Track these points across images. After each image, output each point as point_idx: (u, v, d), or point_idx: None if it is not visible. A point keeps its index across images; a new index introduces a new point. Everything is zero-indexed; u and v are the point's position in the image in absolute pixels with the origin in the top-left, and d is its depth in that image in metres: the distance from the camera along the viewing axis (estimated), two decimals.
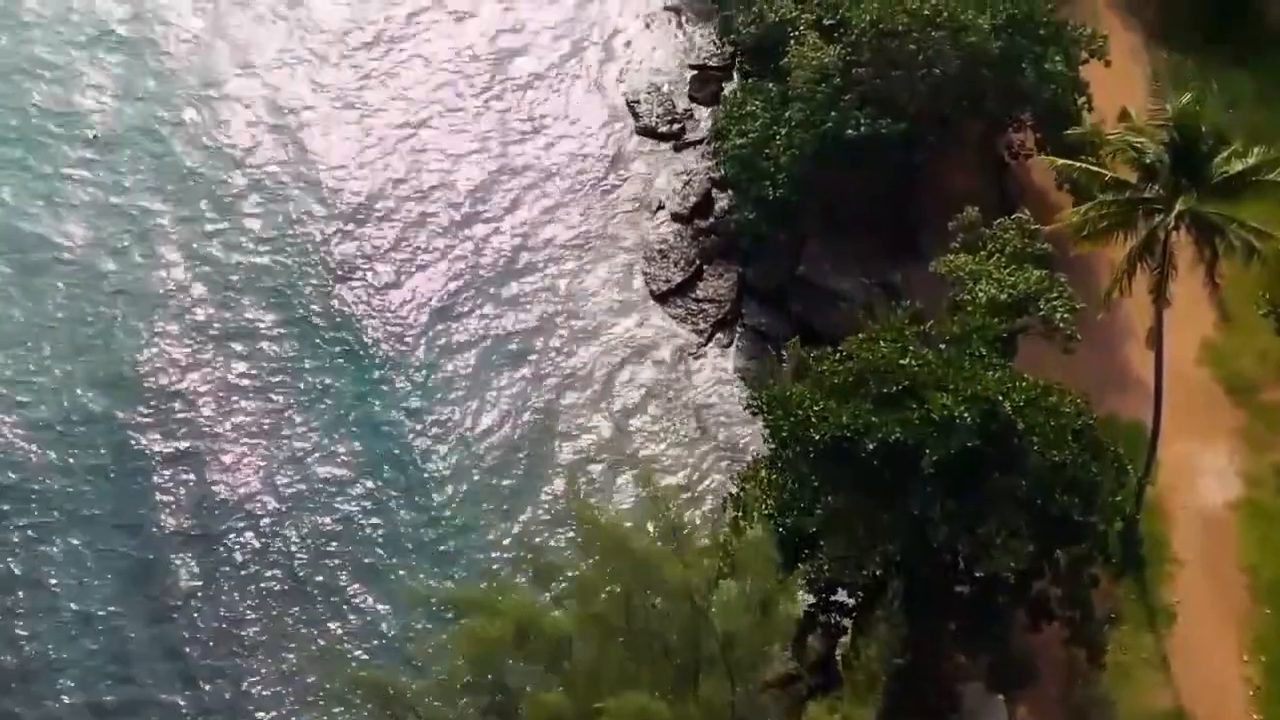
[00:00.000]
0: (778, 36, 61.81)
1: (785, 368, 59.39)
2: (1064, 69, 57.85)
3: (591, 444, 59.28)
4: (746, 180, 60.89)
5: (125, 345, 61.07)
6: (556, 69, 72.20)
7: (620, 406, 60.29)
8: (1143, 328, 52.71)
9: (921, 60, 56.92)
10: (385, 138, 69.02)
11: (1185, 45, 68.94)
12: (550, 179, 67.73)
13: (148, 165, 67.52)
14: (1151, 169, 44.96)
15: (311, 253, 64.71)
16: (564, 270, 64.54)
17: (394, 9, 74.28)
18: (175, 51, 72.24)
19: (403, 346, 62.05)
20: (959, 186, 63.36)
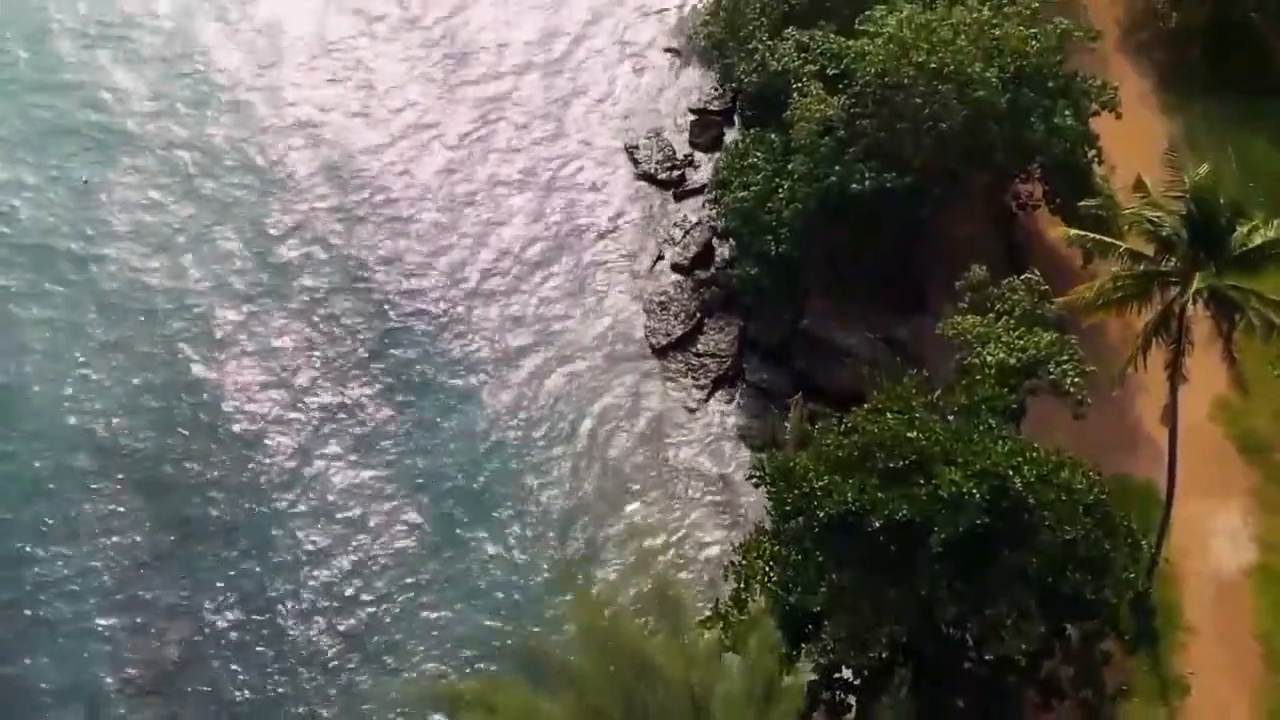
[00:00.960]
0: (780, 85, 60.48)
1: (788, 426, 58.76)
2: (1074, 123, 56.47)
3: (588, 505, 57.64)
4: (748, 234, 59.63)
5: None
6: (553, 112, 70.84)
7: (618, 466, 58.73)
8: (1154, 385, 51.41)
9: (927, 114, 55.51)
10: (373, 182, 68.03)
11: (1195, 89, 67.70)
12: (547, 227, 66.40)
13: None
14: (1168, 241, 43.62)
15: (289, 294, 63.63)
16: (561, 323, 63.10)
17: (383, 48, 73.42)
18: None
19: (394, 400, 60.60)
20: (965, 237, 62.28)
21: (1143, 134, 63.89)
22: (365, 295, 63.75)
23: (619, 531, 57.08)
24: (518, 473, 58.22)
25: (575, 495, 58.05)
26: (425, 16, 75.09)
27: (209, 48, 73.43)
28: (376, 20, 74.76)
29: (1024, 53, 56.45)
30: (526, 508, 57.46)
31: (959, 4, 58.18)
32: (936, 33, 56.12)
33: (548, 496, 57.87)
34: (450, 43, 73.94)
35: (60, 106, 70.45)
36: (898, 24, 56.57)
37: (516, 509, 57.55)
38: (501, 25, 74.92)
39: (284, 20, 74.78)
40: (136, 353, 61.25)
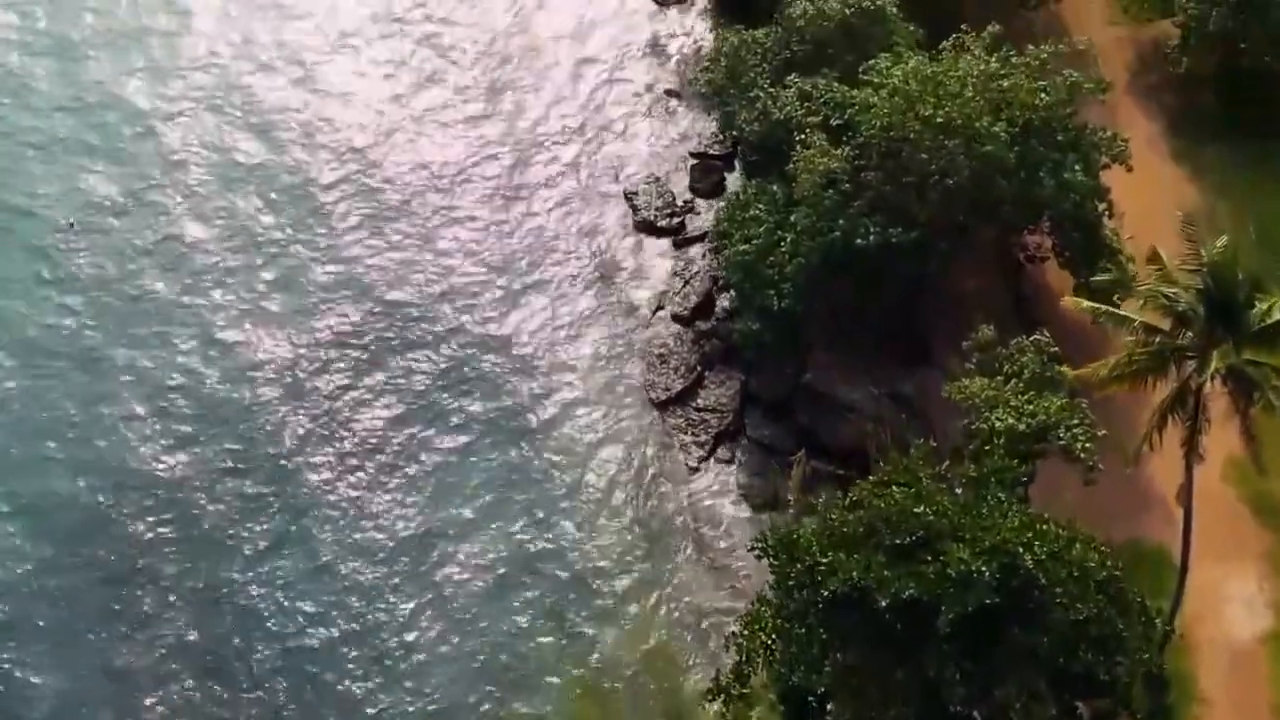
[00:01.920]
0: (782, 134, 59.07)
1: (791, 485, 57.45)
2: (1084, 178, 55.04)
3: (584, 571, 56.02)
4: (749, 288, 58.20)
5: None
6: (550, 155, 69.45)
7: (617, 526, 57.21)
8: (1166, 445, 49.87)
9: (934, 169, 54.11)
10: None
11: (1206, 135, 66.40)
12: (543, 276, 64.86)
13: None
14: (1185, 316, 42.23)
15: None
16: (558, 376, 61.56)
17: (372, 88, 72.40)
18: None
19: (387, 451, 59.16)
20: (972, 289, 61.09)
21: (1152, 181, 62.67)
22: (358, 344, 62.44)
23: (616, 594, 55.56)
24: (513, 531, 56.64)
25: (573, 556, 56.46)
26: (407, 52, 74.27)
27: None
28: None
29: (1033, 106, 55.02)
30: (523, 570, 55.95)
31: (965, 53, 56.76)
32: (943, 85, 54.69)
33: (543, 557, 56.31)
34: (444, 81, 72.59)
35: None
36: (903, 76, 55.14)
37: (512, 569, 55.99)
38: (496, 63, 73.78)
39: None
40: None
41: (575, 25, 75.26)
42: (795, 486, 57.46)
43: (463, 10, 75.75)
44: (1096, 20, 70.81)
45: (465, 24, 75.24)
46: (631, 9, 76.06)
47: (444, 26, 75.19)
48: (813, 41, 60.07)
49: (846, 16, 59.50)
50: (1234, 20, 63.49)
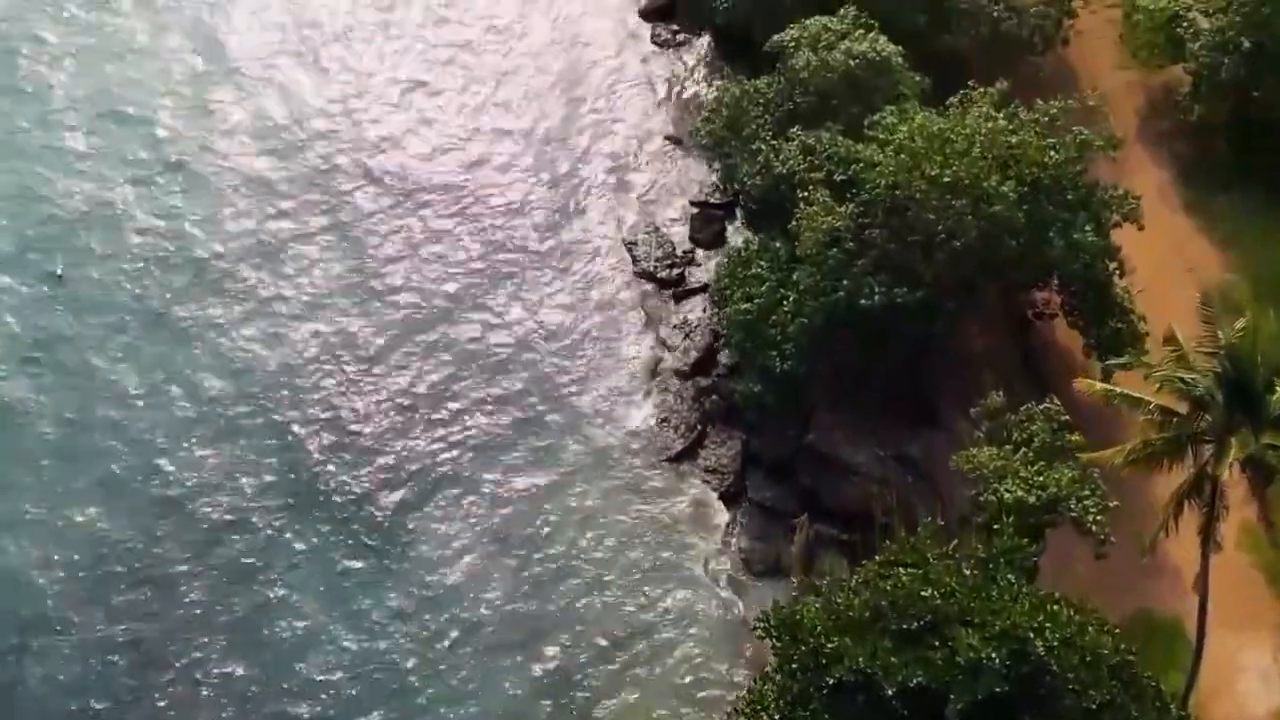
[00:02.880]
0: (785, 189, 57.65)
1: (794, 550, 56.06)
2: (1095, 238, 53.56)
3: (582, 634, 54.37)
4: (751, 348, 56.72)
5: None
6: (547, 203, 67.92)
7: (615, 592, 55.46)
8: None
9: (941, 230, 52.66)
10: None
11: (1218, 185, 64.96)
12: (538, 331, 63.17)
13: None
14: (1202, 402, 40.76)
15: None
16: (556, 437, 59.85)
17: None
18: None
19: (382, 516, 57.48)
20: (979, 347, 59.83)
21: (1163, 232, 61.31)
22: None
23: (614, 662, 53.94)
24: (507, 601, 55.02)
25: (569, 620, 54.92)
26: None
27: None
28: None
29: (1042, 164, 53.56)
30: (519, 645, 54.35)
31: (973, 108, 55.31)
32: (950, 142, 53.26)
33: (539, 623, 54.78)
34: (439, 127, 71.16)
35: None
36: (909, 133, 53.71)
37: (507, 638, 54.41)
38: (494, 107, 72.38)
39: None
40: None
41: (572, 67, 73.90)
42: (798, 552, 56.13)
43: (459, 53, 74.41)
44: (1105, 65, 69.55)
45: (460, 66, 73.74)
46: (630, 50, 74.78)
47: (440, 69, 73.76)
48: (816, 93, 58.62)
49: (851, 68, 58.06)
50: (1247, 69, 62.04)
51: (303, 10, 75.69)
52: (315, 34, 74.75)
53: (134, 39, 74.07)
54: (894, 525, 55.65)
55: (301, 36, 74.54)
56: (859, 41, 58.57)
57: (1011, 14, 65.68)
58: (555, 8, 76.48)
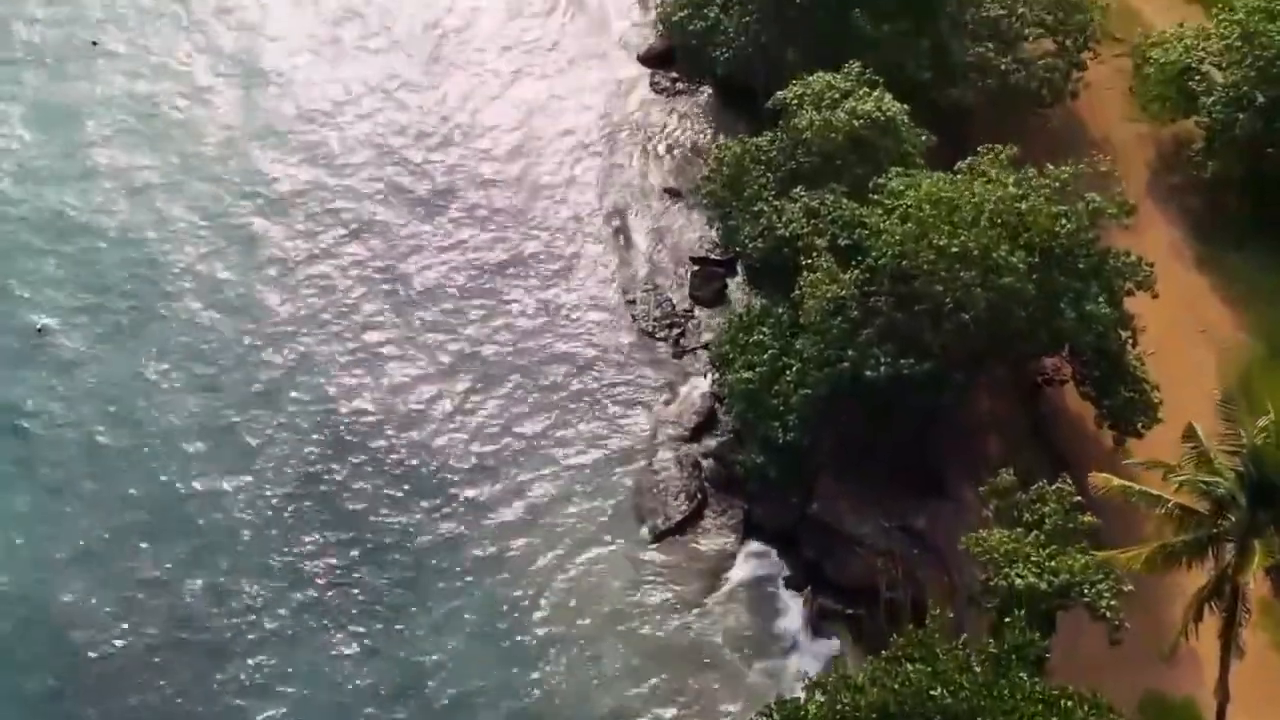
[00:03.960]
0: (788, 253, 56.04)
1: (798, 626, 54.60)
2: (1107, 309, 51.90)
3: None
4: (753, 419, 55.08)
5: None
6: (544, 260, 66.19)
7: (613, 672, 53.60)
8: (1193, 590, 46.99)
9: (949, 301, 51.04)
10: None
11: (1231, 241, 63.33)
12: (534, 393, 61.41)
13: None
14: (1223, 503, 39.11)
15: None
16: (553, 506, 57.96)
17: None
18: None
19: (374, 589, 55.81)
20: (988, 413, 58.23)
21: (1176, 290, 59.52)
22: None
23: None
24: (503, 686, 53.17)
25: (565, 700, 53.11)
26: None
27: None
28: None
29: (1053, 233, 51.90)
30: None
31: (981, 175, 53.66)
32: (958, 209, 51.63)
33: (531, 704, 53.08)
34: (433, 181, 69.60)
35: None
36: (916, 201, 52.08)
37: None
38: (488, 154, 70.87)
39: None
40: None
41: (570, 115, 72.31)
42: (803, 627, 54.53)
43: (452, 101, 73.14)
44: (1115, 116, 68.05)
45: (458, 114, 72.34)
46: (629, 97, 73.24)
47: (439, 121, 72.40)
48: (819, 153, 56.96)
49: (855, 128, 56.41)
50: (1262, 124, 60.46)
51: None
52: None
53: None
54: (900, 600, 54.34)
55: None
56: (863, 100, 56.96)
57: (1019, 66, 64.16)
58: (554, 54, 74.88)
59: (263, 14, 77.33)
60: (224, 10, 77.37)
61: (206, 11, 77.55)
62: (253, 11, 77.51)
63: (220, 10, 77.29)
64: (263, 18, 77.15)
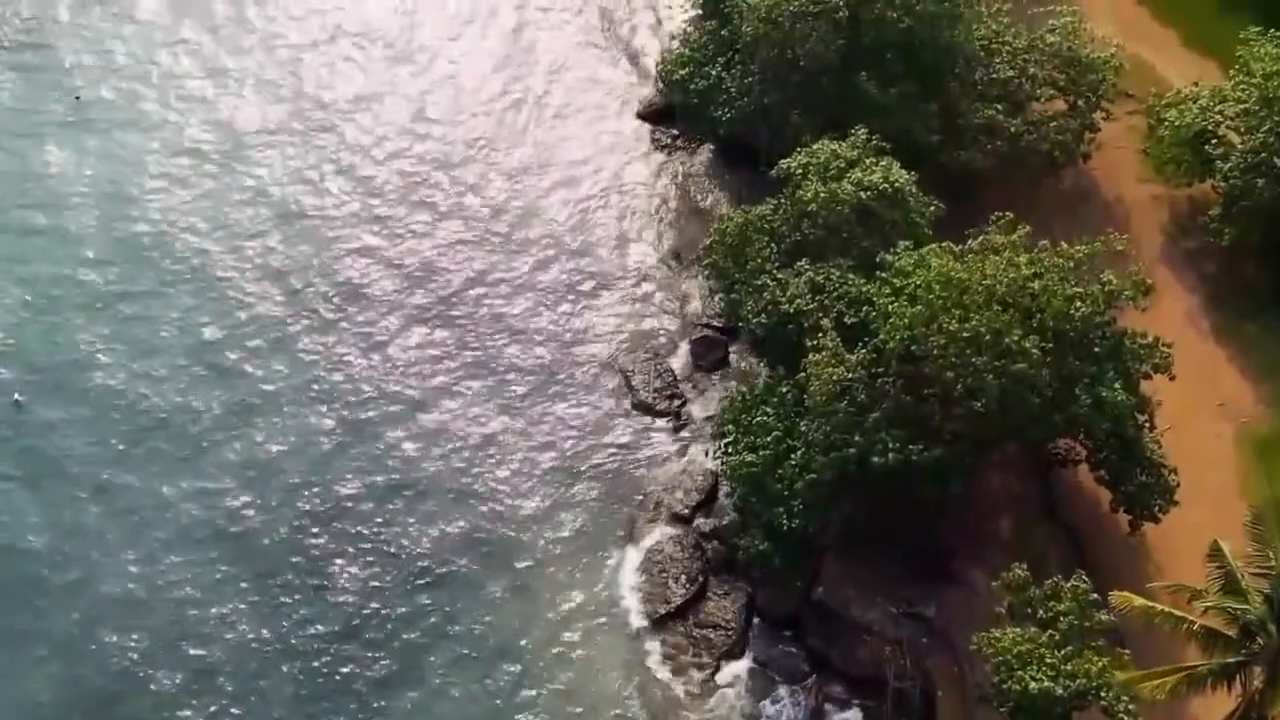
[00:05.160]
0: (793, 328, 54.17)
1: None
2: (1124, 396, 49.94)
3: None
4: (757, 504, 53.18)
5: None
6: (540, 328, 64.00)
7: None
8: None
9: (960, 388, 49.12)
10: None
11: (1250, 309, 61.43)
12: (529, 468, 59.32)
13: None
14: (1252, 628, 37.18)
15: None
16: (543, 593, 55.87)
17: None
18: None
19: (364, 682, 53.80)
20: (999, 491, 56.28)
21: (1192, 361, 57.49)
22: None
23: None
24: None
25: None
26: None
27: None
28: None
29: (1067, 315, 49.98)
30: None
31: (992, 252, 51.72)
32: (969, 291, 49.72)
33: None
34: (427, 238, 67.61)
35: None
36: (925, 282, 50.15)
37: None
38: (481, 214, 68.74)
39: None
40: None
41: (568, 173, 70.15)
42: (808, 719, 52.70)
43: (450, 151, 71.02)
44: (1128, 177, 66.13)
45: (452, 166, 70.34)
46: (629, 155, 71.00)
47: (435, 173, 70.30)
48: (825, 226, 55.00)
49: (862, 200, 54.49)
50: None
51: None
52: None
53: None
54: (909, 691, 52.51)
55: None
56: (870, 171, 55.05)
57: (1030, 128, 62.32)
58: (551, 108, 72.85)
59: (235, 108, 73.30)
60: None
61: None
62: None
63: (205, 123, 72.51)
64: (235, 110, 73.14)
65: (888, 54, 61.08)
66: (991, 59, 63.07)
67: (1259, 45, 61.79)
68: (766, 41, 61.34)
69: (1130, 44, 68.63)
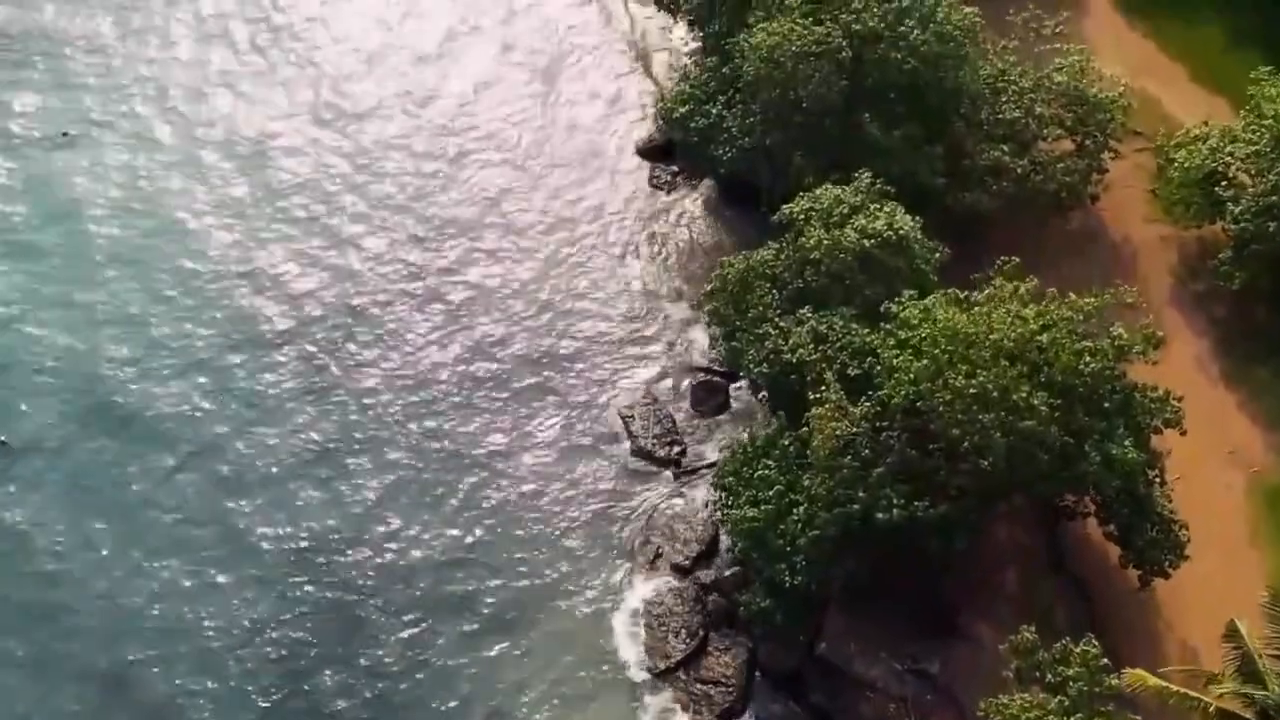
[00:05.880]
0: (795, 378, 53.06)
1: None
2: (1135, 454, 48.84)
3: None
4: (758, 559, 52.09)
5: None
6: (534, 372, 62.70)
7: None
8: None
9: (967, 445, 48.05)
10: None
11: (1261, 354, 60.29)
12: (524, 516, 58.16)
13: None
14: (1270, 713, 36.08)
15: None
16: (537, 645, 54.71)
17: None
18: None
19: None
20: (1005, 543, 55.18)
21: (1202, 408, 55.98)
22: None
23: None
24: None
25: None
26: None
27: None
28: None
29: (1076, 371, 48.88)
30: None
31: (1000, 306, 50.57)
32: (976, 344, 48.64)
33: None
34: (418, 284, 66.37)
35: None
36: (931, 337, 49.06)
37: None
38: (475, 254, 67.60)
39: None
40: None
41: (564, 210, 68.77)
42: None
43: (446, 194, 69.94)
44: (1135, 216, 64.98)
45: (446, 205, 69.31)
46: (627, 192, 69.62)
47: (423, 208, 69.34)
48: (828, 274, 53.90)
49: (866, 248, 53.40)
50: None
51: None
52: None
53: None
54: None
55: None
56: (874, 218, 53.96)
57: (1037, 169, 61.24)
58: (549, 146, 71.65)
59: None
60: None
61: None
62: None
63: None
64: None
65: (891, 94, 60.00)
66: (998, 98, 61.95)
67: (1269, 85, 60.79)
68: (768, 82, 60.16)
69: (1137, 79, 67.59)
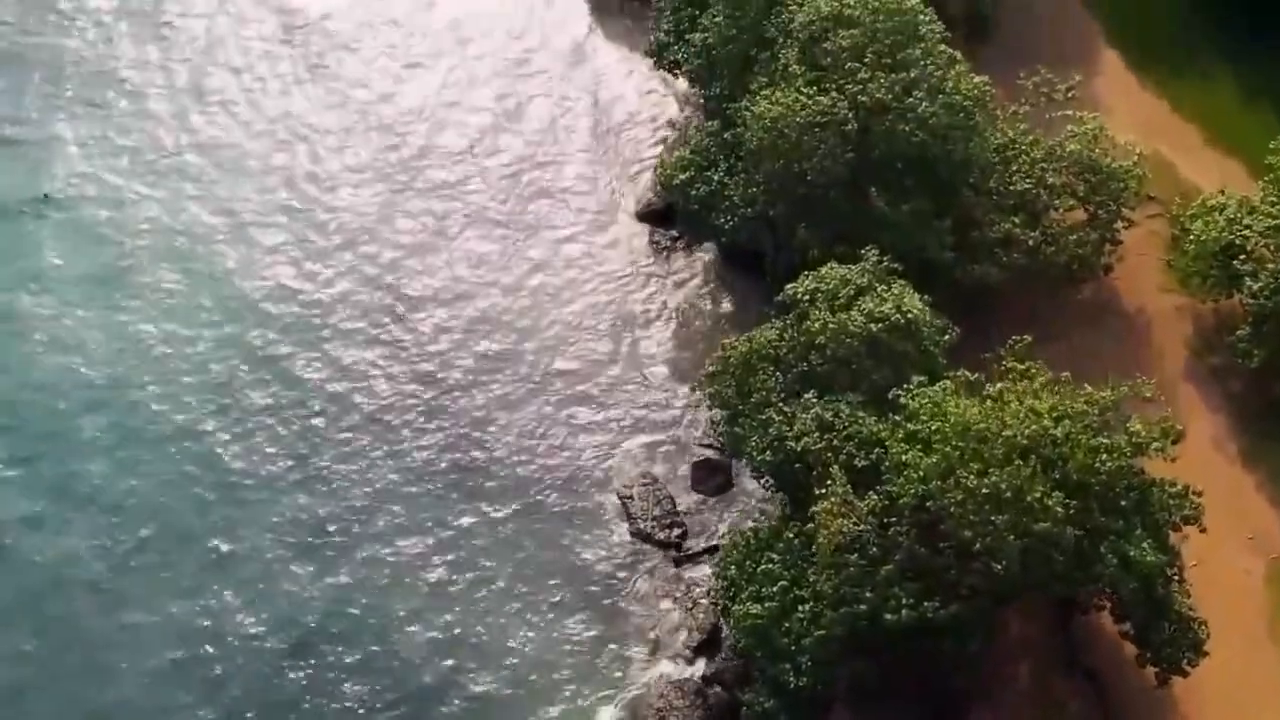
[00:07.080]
0: (800, 467, 51.20)
1: None
2: (1153, 557, 46.93)
3: None
4: (762, 658, 50.22)
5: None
6: (531, 453, 60.79)
7: None
8: None
9: (979, 547, 46.20)
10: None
11: (1278, 431, 58.35)
12: (518, 600, 56.41)
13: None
14: None
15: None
16: None
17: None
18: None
19: None
20: (1018, 639, 53.50)
21: (1219, 490, 54.28)
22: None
23: None
24: None
25: None
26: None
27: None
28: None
29: (1092, 468, 47.01)
30: None
31: (1012, 401, 48.66)
32: (988, 441, 46.78)
33: None
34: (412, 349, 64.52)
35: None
36: (942, 434, 47.17)
37: None
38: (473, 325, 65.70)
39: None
40: None
41: (563, 278, 66.96)
42: None
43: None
44: (1149, 286, 63.07)
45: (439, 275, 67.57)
46: (626, 258, 67.62)
47: (419, 275, 67.42)
48: (834, 358, 52.02)
49: (873, 332, 51.53)
50: None
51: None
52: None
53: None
54: None
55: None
56: (881, 301, 52.08)
57: (1048, 240, 59.41)
58: (546, 210, 69.60)
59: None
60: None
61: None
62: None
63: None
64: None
65: (899, 165, 58.12)
66: (1008, 167, 60.08)
67: None
68: (772, 152, 58.32)
69: (1150, 140, 65.72)
